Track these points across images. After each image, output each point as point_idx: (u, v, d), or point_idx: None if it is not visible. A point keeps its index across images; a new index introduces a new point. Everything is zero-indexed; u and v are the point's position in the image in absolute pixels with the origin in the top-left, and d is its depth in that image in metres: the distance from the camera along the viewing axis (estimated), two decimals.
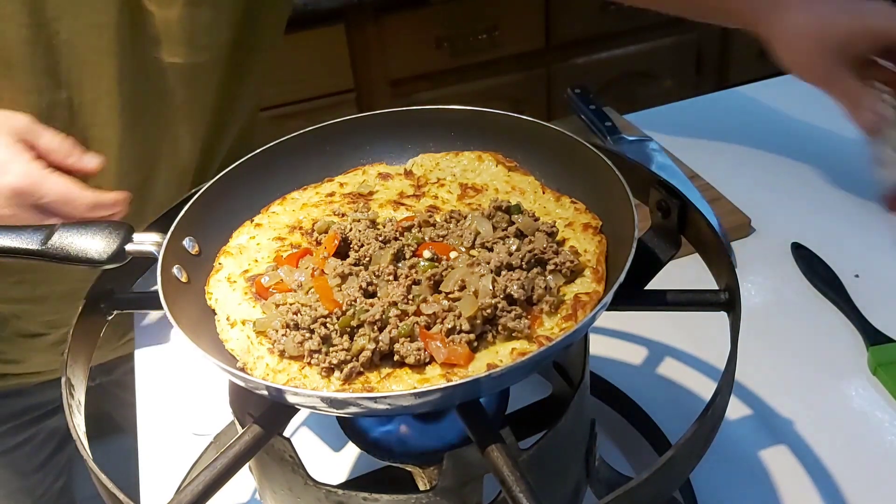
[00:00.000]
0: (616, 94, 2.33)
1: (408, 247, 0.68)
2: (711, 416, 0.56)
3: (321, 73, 2.26)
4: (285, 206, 0.78)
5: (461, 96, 2.40)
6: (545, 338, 0.61)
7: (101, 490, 0.57)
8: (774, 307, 1.03)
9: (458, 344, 0.60)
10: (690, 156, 1.28)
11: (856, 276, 1.05)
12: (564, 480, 0.69)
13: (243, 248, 0.73)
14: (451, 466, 0.60)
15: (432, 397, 0.54)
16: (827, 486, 0.82)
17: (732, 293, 0.62)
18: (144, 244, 0.67)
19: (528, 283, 0.63)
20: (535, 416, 0.81)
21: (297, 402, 0.58)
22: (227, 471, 0.57)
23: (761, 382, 0.92)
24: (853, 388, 0.91)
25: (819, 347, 0.97)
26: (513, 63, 2.45)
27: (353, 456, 0.89)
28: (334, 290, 0.65)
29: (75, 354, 0.66)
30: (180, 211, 0.70)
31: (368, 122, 0.82)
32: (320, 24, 2.20)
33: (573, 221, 0.71)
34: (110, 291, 0.73)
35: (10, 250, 0.66)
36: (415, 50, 2.34)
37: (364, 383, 0.59)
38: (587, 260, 0.67)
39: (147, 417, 0.98)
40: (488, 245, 0.68)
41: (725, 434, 0.83)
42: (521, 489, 0.52)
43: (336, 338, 0.61)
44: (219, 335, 0.65)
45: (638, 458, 0.86)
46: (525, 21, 2.40)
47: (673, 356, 0.98)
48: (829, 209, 1.18)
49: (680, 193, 0.69)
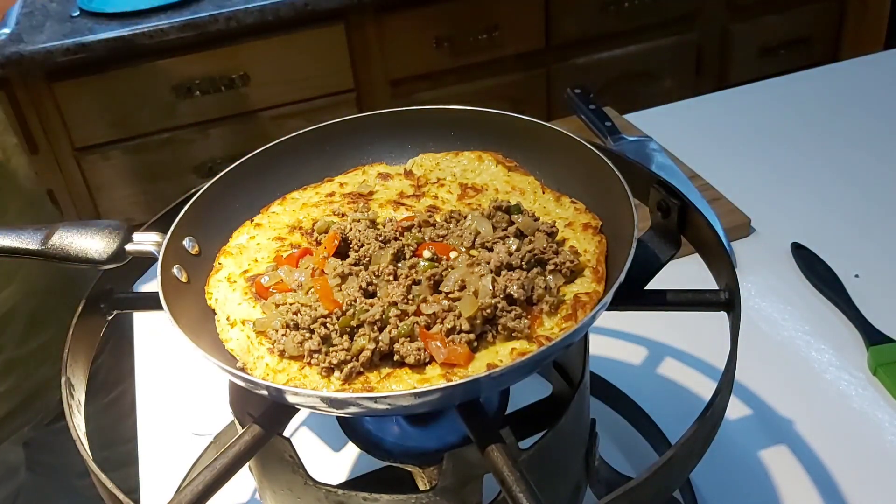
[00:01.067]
0: (616, 94, 2.32)
1: (408, 247, 0.68)
2: (711, 416, 0.56)
3: (321, 73, 2.26)
4: (285, 206, 0.78)
5: (461, 96, 2.40)
6: (545, 338, 0.61)
7: (101, 490, 0.57)
8: (774, 307, 1.03)
9: (458, 344, 0.60)
10: (690, 156, 1.28)
11: (856, 276, 1.06)
12: (564, 480, 0.69)
13: (243, 248, 0.73)
14: (451, 466, 0.60)
15: (432, 397, 0.54)
16: (827, 486, 0.82)
17: (732, 293, 0.62)
18: (144, 244, 0.67)
19: (528, 283, 0.63)
20: (535, 416, 0.80)
21: (297, 402, 0.58)
22: (227, 471, 0.57)
23: (761, 382, 0.92)
24: (853, 388, 0.91)
25: (819, 347, 0.97)
26: (513, 63, 2.46)
27: (353, 456, 0.89)
28: (334, 290, 0.65)
29: (75, 354, 0.66)
30: (180, 211, 0.70)
31: (368, 122, 0.82)
32: (320, 24, 2.20)
33: (573, 221, 0.71)
34: (110, 291, 0.73)
35: (10, 250, 0.66)
36: (415, 50, 2.34)
37: (364, 383, 0.59)
38: (587, 260, 0.67)
39: (147, 417, 0.98)
40: (488, 245, 0.68)
41: (725, 434, 0.83)
42: (521, 489, 0.52)
43: (336, 338, 0.61)
44: (219, 335, 0.65)
45: (638, 458, 0.86)
46: (525, 21, 2.41)
47: (673, 356, 0.98)
48: (829, 209, 1.18)
49: (680, 193, 0.69)
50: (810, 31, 2.71)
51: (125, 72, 2.10)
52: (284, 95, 2.26)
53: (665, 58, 2.62)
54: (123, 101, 2.15)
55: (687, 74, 2.67)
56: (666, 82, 2.62)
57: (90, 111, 2.11)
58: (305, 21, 2.17)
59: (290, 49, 2.20)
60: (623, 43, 2.55)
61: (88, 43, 2.01)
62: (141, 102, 2.16)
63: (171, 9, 2.08)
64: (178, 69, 2.13)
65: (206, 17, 2.06)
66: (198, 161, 2.27)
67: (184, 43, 2.09)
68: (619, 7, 2.47)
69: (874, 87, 1.09)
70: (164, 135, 2.23)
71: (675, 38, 2.60)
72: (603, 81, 2.49)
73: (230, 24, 2.08)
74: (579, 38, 2.50)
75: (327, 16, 2.19)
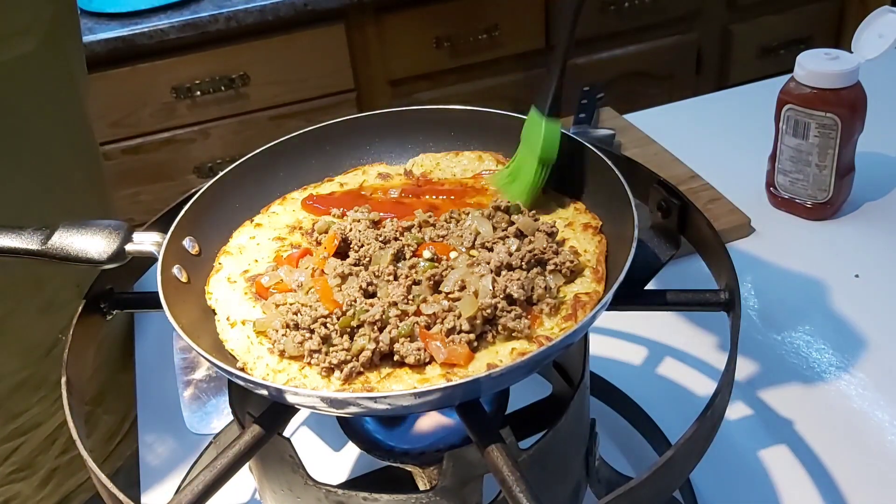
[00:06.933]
0: (616, 94, 2.33)
1: (408, 247, 0.68)
2: (711, 416, 0.56)
3: (321, 73, 2.27)
4: (285, 206, 0.78)
5: (461, 96, 2.40)
6: (545, 338, 0.61)
7: (101, 490, 0.57)
8: (774, 307, 1.03)
9: (458, 344, 0.60)
10: (690, 156, 1.28)
11: (856, 276, 1.06)
12: (564, 480, 0.69)
13: (243, 248, 0.73)
14: (451, 466, 0.60)
15: (432, 397, 0.54)
16: (827, 486, 0.81)
17: (732, 293, 0.62)
18: (144, 244, 0.67)
19: (527, 283, 0.63)
20: (535, 416, 0.81)
21: (297, 402, 0.58)
22: (227, 471, 0.57)
23: (761, 382, 0.92)
24: (853, 388, 0.91)
25: (819, 347, 0.97)
26: (513, 63, 2.46)
27: (353, 456, 0.89)
28: (334, 290, 0.65)
29: (75, 354, 0.66)
30: (180, 211, 0.70)
31: (368, 122, 0.82)
32: (320, 23, 2.20)
33: (573, 221, 0.71)
34: (110, 291, 0.73)
35: (10, 250, 0.66)
36: (415, 50, 2.34)
37: (364, 383, 0.59)
38: (587, 260, 0.67)
39: (147, 417, 0.98)
40: (488, 245, 0.68)
41: (725, 434, 0.83)
42: (521, 489, 0.52)
43: (336, 338, 0.61)
44: (219, 335, 0.65)
45: (638, 458, 0.86)
46: (525, 21, 2.41)
47: (673, 356, 0.98)
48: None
49: (680, 193, 0.69)
50: (810, 31, 2.71)
51: (125, 72, 2.10)
52: (284, 95, 2.26)
53: (665, 58, 2.62)
54: (123, 101, 2.15)
55: (687, 74, 2.67)
56: (666, 82, 2.62)
57: (90, 111, 2.11)
58: (305, 21, 2.17)
59: (290, 49, 2.20)
60: (623, 43, 2.55)
61: (88, 43, 2.01)
62: (141, 102, 2.16)
63: (171, 9, 2.09)
64: (178, 69, 2.13)
65: (206, 17, 2.06)
66: (198, 161, 2.27)
67: (184, 43, 2.09)
68: (619, 7, 2.47)
69: (874, 87, 1.09)
70: (164, 135, 2.23)
71: (675, 38, 2.61)
72: (603, 81, 2.49)
73: (230, 25, 2.08)
74: (579, 38, 2.48)
75: (327, 16, 2.19)
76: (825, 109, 1.07)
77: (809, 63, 1.08)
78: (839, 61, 1.07)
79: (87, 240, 0.66)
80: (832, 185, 1.12)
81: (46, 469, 1.00)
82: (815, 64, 1.07)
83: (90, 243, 0.66)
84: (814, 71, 1.07)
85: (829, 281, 1.06)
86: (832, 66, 1.06)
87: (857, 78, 1.07)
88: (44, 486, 1.00)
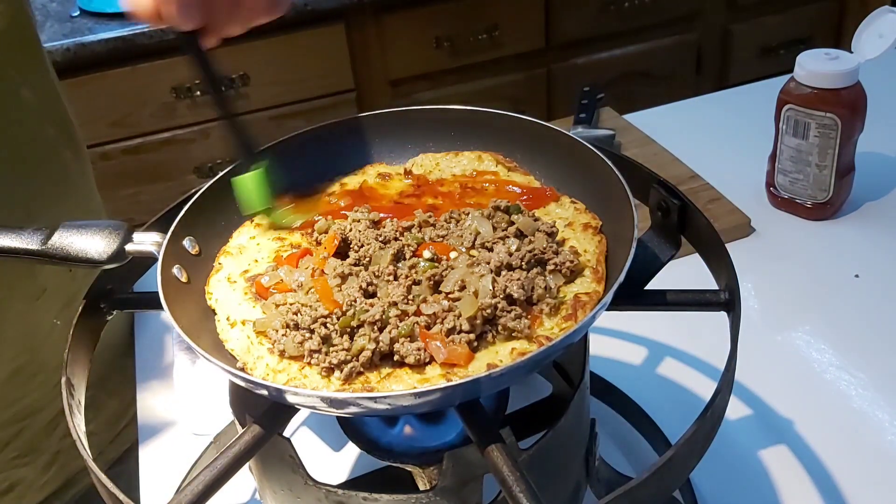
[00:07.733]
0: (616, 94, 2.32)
1: (408, 247, 0.68)
2: (711, 416, 0.56)
3: (321, 73, 2.27)
4: None
5: (461, 96, 2.40)
6: (545, 338, 0.61)
7: (101, 490, 0.57)
8: (774, 307, 1.03)
9: (458, 344, 0.60)
10: (690, 156, 1.28)
11: (856, 276, 1.06)
12: (564, 480, 0.69)
13: (243, 248, 0.73)
14: (451, 466, 0.60)
15: (432, 397, 0.54)
16: (827, 486, 0.81)
17: (732, 293, 0.62)
18: (144, 244, 0.67)
19: (528, 283, 0.63)
20: (535, 416, 0.80)
21: (297, 402, 0.58)
22: (227, 471, 0.57)
23: (761, 382, 0.92)
24: (853, 388, 0.91)
25: (819, 347, 0.97)
26: (513, 63, 2.46)
27: (353, 456, 0.89)
28: (334, 290, 0.65)
29: (75, 354, 0.66)
30: (180, 211, 0.70)
31: (368, 122, 0.82)
32: (320, 24, 2.20)
33: (573, 221, 0.71)
34: (110, 291, 0.73)
35: (10, 250, 0.66)
36: (415, 50, 2.34)
37: (364, 383, 0.59)
38: (587, 260, 0.67)
39: (147, 417, 0.98)
40: (488, 245, 0.68)
41: (725, 434, 0.83)
42: (521, 489, 0.52)
43: (336, 338, 0.61)
44: (219, 335, 0.65)
45: (638, 458, 0.86)
46: (525, 21, 2.41)
47: (673, 356, 0.98)
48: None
49: (680, 193, 0.69)
50: (810, 31, 2.71)
51: (125, 72, 2.10)
52: (284, 95, 2.26)
53: (665, 58, 2.62)
54: (123, 101, 2.15)
55: (687, 74, 2.67)
56: (666, 82, 2.62)
57: (90, 111, 2.11)
58: (305, 21, 2.17)
59: (290, 49, 2.20)
60: (623, 43, 2.55)
61: (88, 43, 2.01)
62: (141, 102, 2.16)
63: None
64: (178, 69, 2.13)
65: None
66: (198, 161, 2.27)
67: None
68: (619, 7, 2.47)
69: (874, 87, 1.09)
70: (164, 135, 2.23)
71: (675, 38, 2.61)
72: (603, 81, 2.49)
73: None
74: (579, 38, 2.50)
75: (327, 16, 2.19)
76: (825, 109, 1.07)
77: (809, 63, 1.08)
78: (839, 61, 1.07)
79: (86, 240, 0.66)
80: (832, 185, 1.12)
81: (49, 453, 1.00)
82: (815, 64, 1.07)
83: (90, 243, 0.66)
84: (814, 71, 1.07)
85: (829, 281, 1.06)
86: (832, 67, 1.06)
87: (857, 78, 1.07)
88: (47, 470, 1.01)
